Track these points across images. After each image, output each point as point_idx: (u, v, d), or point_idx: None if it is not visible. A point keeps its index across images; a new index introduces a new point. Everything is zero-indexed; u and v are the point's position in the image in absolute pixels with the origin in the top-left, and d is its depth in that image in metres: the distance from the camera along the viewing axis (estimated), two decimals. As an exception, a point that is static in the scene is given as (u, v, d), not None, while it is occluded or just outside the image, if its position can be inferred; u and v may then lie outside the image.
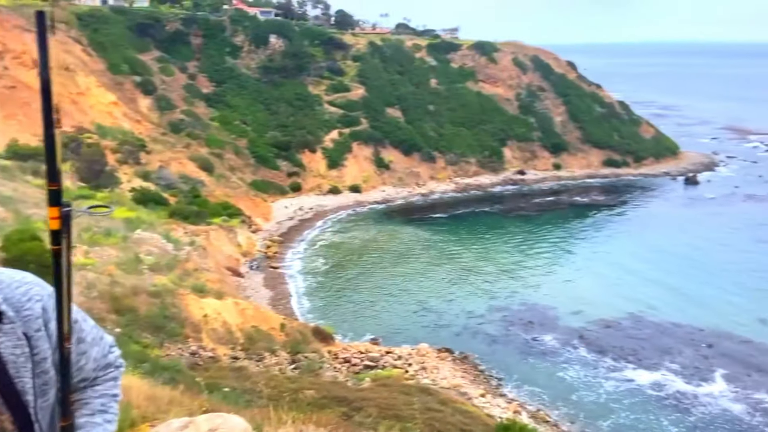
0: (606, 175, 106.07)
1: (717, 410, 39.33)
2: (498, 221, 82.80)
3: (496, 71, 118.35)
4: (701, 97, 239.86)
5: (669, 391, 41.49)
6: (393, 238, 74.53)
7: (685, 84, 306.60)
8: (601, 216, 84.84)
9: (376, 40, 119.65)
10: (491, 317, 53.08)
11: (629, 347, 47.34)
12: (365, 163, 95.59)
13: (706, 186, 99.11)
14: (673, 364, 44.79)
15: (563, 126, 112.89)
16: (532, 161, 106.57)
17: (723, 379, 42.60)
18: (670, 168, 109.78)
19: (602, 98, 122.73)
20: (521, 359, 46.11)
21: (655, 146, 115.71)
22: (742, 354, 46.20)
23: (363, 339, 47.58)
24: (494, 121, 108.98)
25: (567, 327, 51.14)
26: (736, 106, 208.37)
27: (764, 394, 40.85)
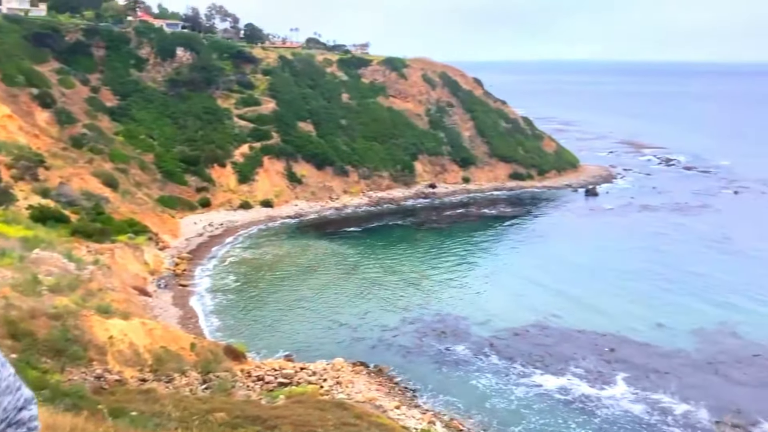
0: (512, 187, 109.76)
1: (619, 411, 41.23)
2: (411, 234, 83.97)
3: (406, 87, 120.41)
4: (599, 113, 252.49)
5: (575, 395, 43.16)
6: (306, 253, 74.15)
7: (584, 101, 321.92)
8: (509, 227, 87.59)
9: (287, 54, 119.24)
10: (405, 329, 53.63)
11: (537, 354, 48.98)
12: (277, 177, 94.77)
13: (604, 197, 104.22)
14: (578, 368, 46.66)
15: (471, 140, 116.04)
16: (442, 174, 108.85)
17: (624, 382, 44.74)
18: (572, 180, 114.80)
19: (507, 114, 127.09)
20: (435, 369, 46.79)
21: (557, 160, 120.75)
22: (641, 357, 48.69)
23: (276, 356, 46.96)
24: (405, 135, 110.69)
25: (478, 336, 52.36)
26: (631, 121, 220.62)
27: (661, 394, 43.18)
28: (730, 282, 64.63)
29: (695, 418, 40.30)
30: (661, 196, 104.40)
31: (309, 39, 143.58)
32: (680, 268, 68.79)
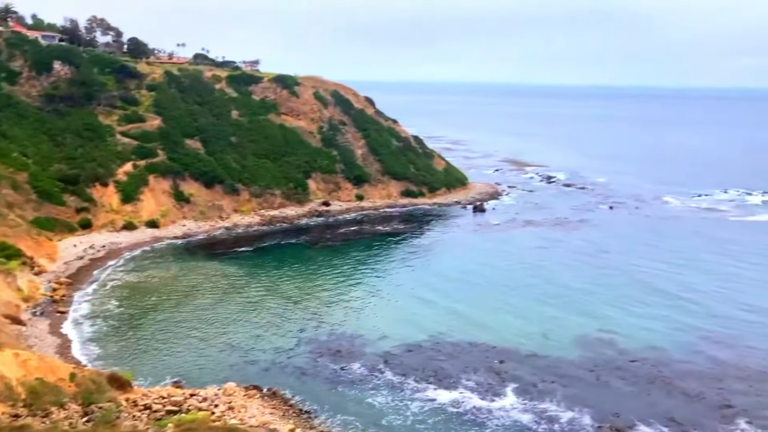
0: (404, 204, 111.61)
1: (509, 422, 42.49)
2: (305, 253, 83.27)
3: (298, 104, 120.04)
4: (485, 132, 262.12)
5: (467, 408, 44.09)
6: (196, 275, 71.80)
7: (472, 120, 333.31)
8: (402, 244, 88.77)
9: (173, 69, 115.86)
10: (300, 350, 52.97)
11: (430, 369, 49.72)
12: (163, 196, 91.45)
13: (491, 213, 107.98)
14: (469, 381, 47.74)
15: (364, 158, 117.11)
16: (336, 192, 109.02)
17: (513, 393, 46.21)
18: (461, 197, 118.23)
19: (399, 133, 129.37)
20: (331, 389, 46.43)
21: (447, 177, 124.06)
22: (528, 368, 50.52)
23: (164, 383, 45.01)
24: (298, 153, 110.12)
25: (373, 353, 52.51)
26: (514, 140, 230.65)
27: (548, 403, 44.91)
28: (606, 294, 68.50)
29: (579, 425, 42.16)
30: (543, 211, 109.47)
31: (197, 55, 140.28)
32: (561, 282, 72.19)
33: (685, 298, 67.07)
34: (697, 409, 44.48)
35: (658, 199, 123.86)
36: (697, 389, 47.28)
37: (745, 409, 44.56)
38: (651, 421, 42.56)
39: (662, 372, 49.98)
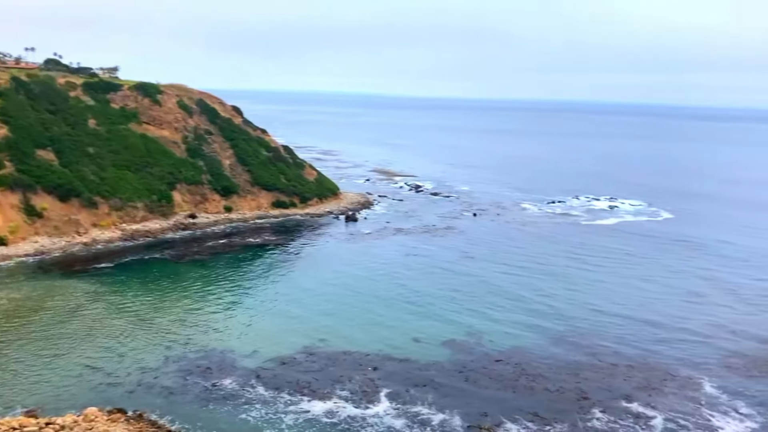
0: (276, 215, 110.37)
1: (382, 428, 43.11)
2: (171, 268, 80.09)
3: (161, 113, 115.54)
4: (354, 143, 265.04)
5: (341, 417, 44.25)
6: (50, 295, 67.02)
7: (340, 131, 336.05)
8: (274, 256, 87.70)
9: (21, 75, 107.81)
10: (167, 369, 50.82)
11: (304, 380, 49.44)
12: (12, 211, 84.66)
13: (363, 223, 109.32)
14: (344, 390, 47.95)
15: (232, 169, 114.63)
16: (203, 204, 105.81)
17: (387, 398, 46.95)
18: (333, 207, 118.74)
19: (268, 143, 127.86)
20: (202, 407, 44.94)
21: (319, 187, 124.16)
22: (401, 373, 51.54)
23: (14, 412, 41.61)
24: (162, 164, 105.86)
25: (245, 368, 51.41)
26: (382, 151, 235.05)
27: (420, 406, 46.04)
28: (472, 299, 71.35)
29: (450, 426, 43.54)
30: (413, 219, 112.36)
31: (48, 60, 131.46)
32: (430, 289, 74.39)
33: (542, 301, 71.21)
34: (558, 402, 47.32)
35: (517, 206, 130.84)
36: (556, 384, 50.30)
37: (600, 399, 48.00)
38: (517, 418, 44.77)
39: (525, 370, 52.72)
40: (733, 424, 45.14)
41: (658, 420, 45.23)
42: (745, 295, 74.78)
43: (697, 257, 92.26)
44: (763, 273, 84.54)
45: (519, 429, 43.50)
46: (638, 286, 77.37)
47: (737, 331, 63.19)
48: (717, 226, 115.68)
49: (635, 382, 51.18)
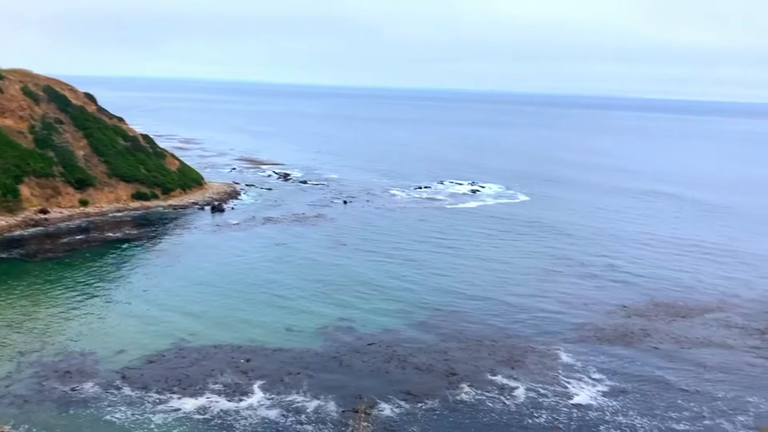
0: (136, 208, 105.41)
1: (257, 420, 42.68)
2: (21, 268, 74.39)
3: (3, 101, 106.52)
4: (217, 131, 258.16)
5: (214, 412, 43.32)
6: None
7: (203, 118, 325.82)
8: (136, 250, 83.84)
9: None
10: (20, 376, 47.34)
11: (173, 378, 47.87)
12: None
13: (231, 213, 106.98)
14: (216, 385, 46.95)
15: (87, 160, 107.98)
16: (55, 198, 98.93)
17: (260, 390, 46.51)
18: (198, 198, 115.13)
19: (125, 131, 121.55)
20: (61, 413, 42.31)
21: (182, 178, 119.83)
22: (274, 363, 51.21)
23: None
24: (6, 156, 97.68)
25: (109, 370, 48.95)
26: (248, 139, 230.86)
27: (295, 395, 46.04)
28: (344, 285, 72.13)
29: (325, 412, 43.91)
30: (282, 208, 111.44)
31: None
32: (302, 277, 74.35)
33: (410, 286, 73.32)
34: (428, 380, 49.05)
35: (386, 192, 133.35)
36: (426, 363, 52.10)
37: (467, 374, 50.29)
38: (390, 397, 45.94)
39: (396, 351, 54.14)
40: (586, 389, 48.88)
41: (521, 390, 48.09)
42: (593, 271, 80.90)
43: (550, 237, 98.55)
44: (607, 250, 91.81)
45: (392, 408, 44.70)
46: (498, 266, 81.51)
47: (588, 304, 68.33)
48: (568, 208, 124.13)
49: (499, 357, 54.06)
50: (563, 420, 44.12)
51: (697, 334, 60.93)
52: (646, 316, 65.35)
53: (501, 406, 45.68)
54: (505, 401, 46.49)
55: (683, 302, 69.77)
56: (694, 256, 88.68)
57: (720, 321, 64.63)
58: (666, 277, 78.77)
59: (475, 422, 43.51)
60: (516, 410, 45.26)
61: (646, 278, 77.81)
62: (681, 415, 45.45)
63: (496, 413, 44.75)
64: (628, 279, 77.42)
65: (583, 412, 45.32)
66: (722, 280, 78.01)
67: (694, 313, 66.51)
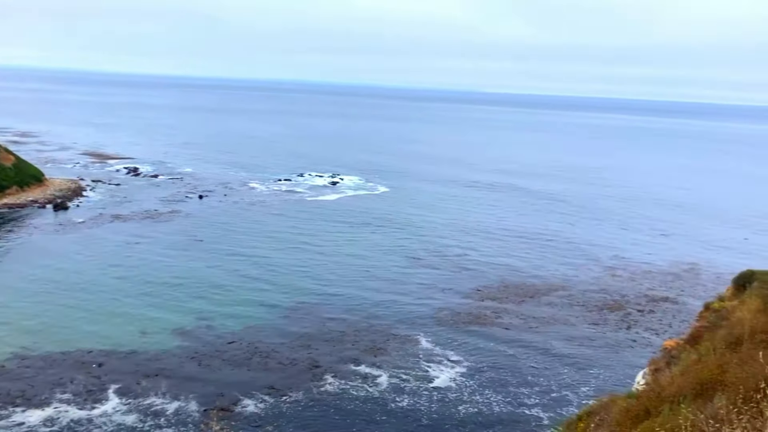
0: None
1: (112, 427, 40.46)
2: None
3: None
4: (58, 123, 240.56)
5: (63, 423, 40.55)
6: None
7: (39, 109, 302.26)
8: (-35, 254, 76.23)
9: None
10: None
11: (16, 389, 44.21)
12: None
13: (75, 211, 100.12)
14: (65, 394, 43.94)
15: None
16: None
17: (115, 395, 44.11)
18: (38, 196, 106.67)
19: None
20: None
21: (18, 174, 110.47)
22: (129, 366, 48.74)
23: None
24: None
25: (-63, 386, 44.28)
26: (92, 131, 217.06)
27: (153, 398, 44.12)
28: (201, 283, 70.00)
29: (186, 413, 42.50)
30: (133, 205, 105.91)
31: None
32: (155, 276, 71.23)
33: (271, 280, 72.62)
34: (292, 374, 48.88)
35: (245, 185, 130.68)
36: (290, 357, 51.86)
37: (330, 366, 50.67)
38: (253, 393, 45.30)
39: (258, 348, 53.41)
40: (446, 372, 50.93)
41: (384, 377, 49.21)
42: (448, 259, 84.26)
43: (407, 229, 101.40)
44: (459, 239, 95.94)
45: (256, 403, 44.11)
46: (358, 258, 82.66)
47: (444, 290, 71.13)
48: (423, 200, 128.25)
49: (362, 346, 54.94)
50: (424, 403, 45.72)
51: (544, 313, 65.39)
52: (498, 298, 69.15)
53: (365, 394, 46.51)
54: (369, 389, 47.37)
55: (530, 284, 74.55)
56: (537, 243, 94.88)
57: (563, 300, 69.76)
58: (513, 262, 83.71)
59: (339, 411, 43.99)
60: (379, 396, 46.28)
61: (496, 264, 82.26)
62: (531, 390, 48.63)
63: (360, 401, 45.52)
64: (480, 265, 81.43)
65: (443, 394, 47.22)
66: (563, 263, 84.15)
67: (540, 294, 71.29)
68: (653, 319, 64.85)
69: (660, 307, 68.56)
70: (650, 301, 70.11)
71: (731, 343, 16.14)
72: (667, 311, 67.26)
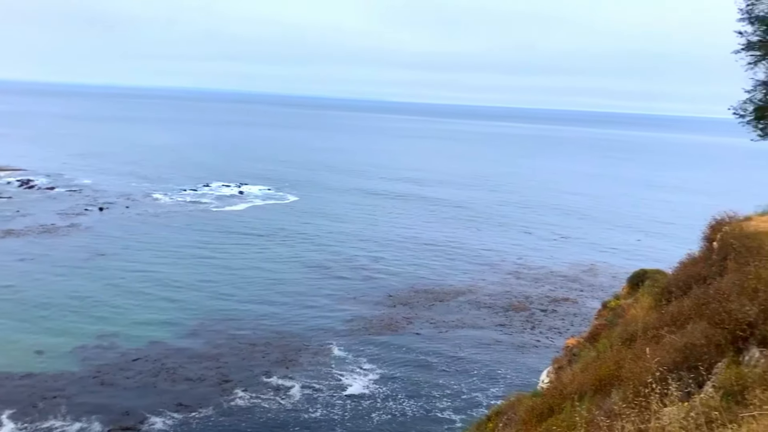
0: None
1: (7, 454, 38.12)
2: None
3: None
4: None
5: (-49, 454, 37.81)
6: None
7: None
8: None
9: None
10: None
11: None
12: None
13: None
14: (-49, 423, 40.97)
15: None
16: None
17: (10, 420, 41.55)
18: None
19: None
20: None
21: None
22: (24, 389, 46.01)
23: None
24: None
25: None
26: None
27: (53, 420, 41.85)
28: (104, 299, 67.15)
29: (88, 435, 40.59)
30: (27, 219, 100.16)
31: None
32: (54, 294, 67.70)
33: (177, 295, 70.56)
34: (201, 390, 47.60)
35: (148, 197, 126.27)
36: (198, 372, 50.49)
37: (241, 379, 49.70)
38: (161, 410, 43.79)
39: (165, 364, 51.71)
40: (359, 380, 51.04)
41: (296, 388, 48.76)
42: (359, 267, 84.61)
43: (317, 238, 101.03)
44: (369, 247, 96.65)
45: (164, 420, 42.68)
46: (268, 269, 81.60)
47: (356, 298, 71.33)
48: (332, 209, 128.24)
49: (273, 358, 54.22)
50: (338, 412, 45.64)
51: (453, 317, 66.77)
52: (409, 304, 70.02)
53: (277, 406, 45.92)
54: (281, 401, 46.82)
55: (439, 289, 75.95)
56: (445, 249, 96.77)
57: (471, 303, 71.49)
58: (422, 269, 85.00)
59: (251, 424, 43.22)
60: (292, 408, 45.82)
61: (405, 271, 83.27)
62: (443, 393, 49.51)
63: (272, 413, 44.90)
64: (389, 273, 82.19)
65: (357, 402, 47.30)
66: (470, 268, 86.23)
67: (449, 298, 72.75)
68: (556, 319, 67.53)
69: (562, 307, 71.48)
70: (552, 302, 72.98)
71: (626, 340, 17.06)
72: (568, 311, 70.20)
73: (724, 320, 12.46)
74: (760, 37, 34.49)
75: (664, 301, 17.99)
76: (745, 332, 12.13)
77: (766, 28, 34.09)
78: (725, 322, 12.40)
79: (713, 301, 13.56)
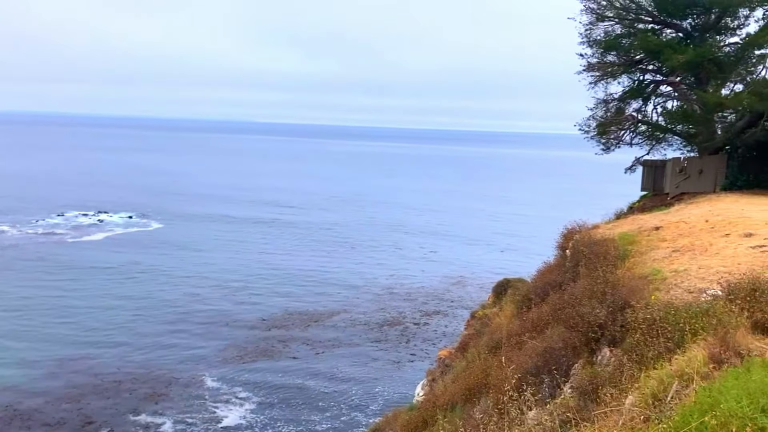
0: None
1: None
2: None
3: None
4: None
5: None
6: None
7: None
8: None
9: None
10: None
11: None
12: None
13: None
14: None
15: None
16: None
17: None
18: None
19: None
20: None
21: None
22: None
23: None
24: None
25: None
26: None
27: None
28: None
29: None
30: None
31: None
32: None
33: (29, 335, 65.37)
34: (61, 436, 44.21)
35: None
36: (57, 416, 46.89)
37: (106, 419, 46.66)
38: (14, 465, 40.14)
39: (18, 410, 47.63)
40: (235, 410, 49.50)
41: (168, 425, 46.48)
42: (230, 293, 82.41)
43: (184, 264, 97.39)
44: (240, 274, 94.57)
45: (19, 477, 39.15)
46: (129, 299, 77.36)
47: (228, 324, 69.34)
48: (197, 235, 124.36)
49: (141, 394, 51.41)
50: (213, 445, 43.98)
51: (329, 336, 66.56)
52: (284, 326, 69.01)
53: (147, 445, 43.52)
54: (152, 439, 44.44)
55: (314, 310, 75.52)
56: (318, 271, 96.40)
57: (346, 321, 71.65)
58: (296, 291, 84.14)
59: (119, 469, 40.63)
60: (164, 446, 43.59)
61: (279, 295, 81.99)
62: (323, 416, 49.09)
63: (143, 453, 42.48)
64: (262, 298, 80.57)
65: (232, 433, 45.83)
66: (343, 288, 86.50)
67: (324, 318, 72.51)
68: (429, 331, 69.16)
69: (434, 319, 73.37)
70: (425, 315, 74.74)
71: (493, 348, 17.77)
72: (440, 323, 72.17)
73: (578, 323, 13.31)
74: (598, 59, 37.59)
75: (525, 308, 18.94)
76: (597, 333, 13.03)
77: (602, 51, 37.21)
78: (579, 326, 13.25)
79: (568, 306, 14.46)
